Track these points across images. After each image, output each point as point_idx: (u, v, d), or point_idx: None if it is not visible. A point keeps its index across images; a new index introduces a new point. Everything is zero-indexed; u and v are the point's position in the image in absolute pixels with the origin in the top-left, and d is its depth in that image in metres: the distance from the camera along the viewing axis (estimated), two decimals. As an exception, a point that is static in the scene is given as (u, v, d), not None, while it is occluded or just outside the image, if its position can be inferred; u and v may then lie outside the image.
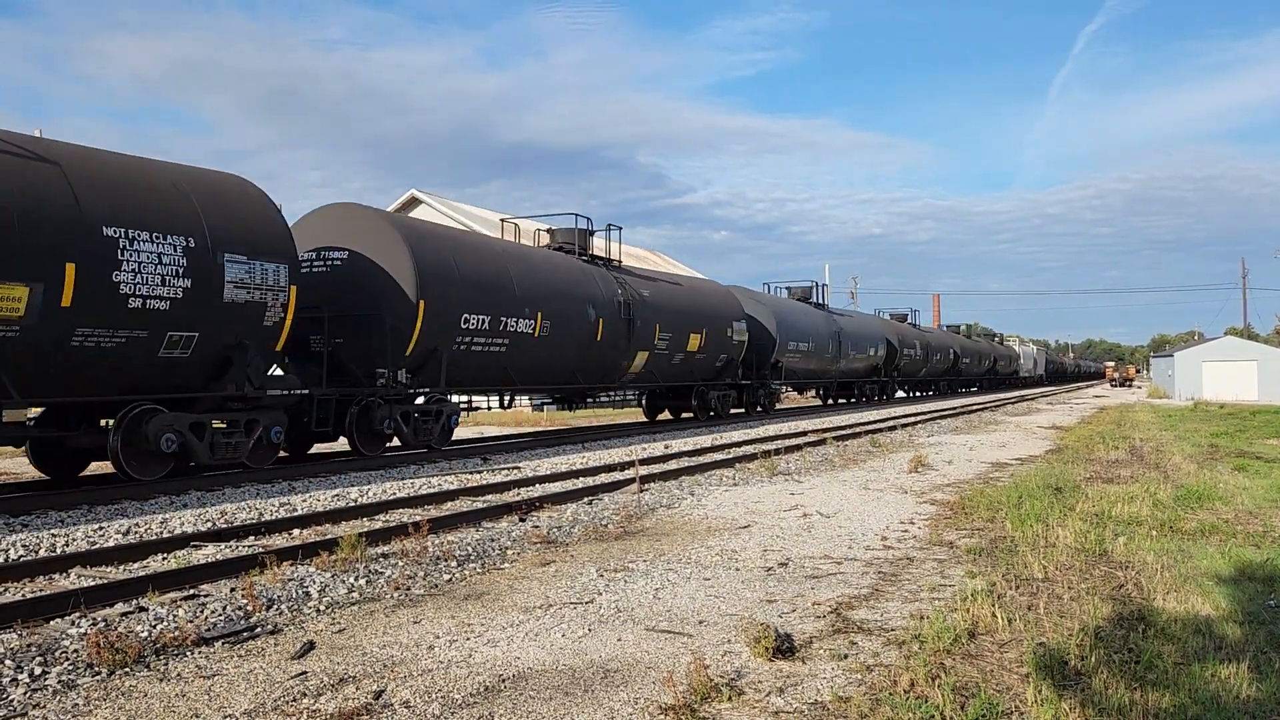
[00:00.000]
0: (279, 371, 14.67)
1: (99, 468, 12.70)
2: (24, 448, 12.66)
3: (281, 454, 13.82)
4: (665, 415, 26.67)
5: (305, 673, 4.88)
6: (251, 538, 8.59)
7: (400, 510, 10.18)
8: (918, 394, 52.12)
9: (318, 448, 16.21)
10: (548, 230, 22.11)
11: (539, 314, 17.62)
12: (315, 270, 14.86)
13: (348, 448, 15.08)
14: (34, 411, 11.56)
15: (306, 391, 13.54)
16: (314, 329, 14.17)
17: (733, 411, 27.76)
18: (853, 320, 37.72)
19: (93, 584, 6.50)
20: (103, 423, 11.73)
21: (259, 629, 5.67)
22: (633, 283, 21.71)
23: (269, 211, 12.70)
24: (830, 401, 40.17)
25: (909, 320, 51.11)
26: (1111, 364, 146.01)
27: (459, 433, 22.66)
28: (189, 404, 11.83)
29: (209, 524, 9.17)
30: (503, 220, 23.09)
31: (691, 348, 23.54)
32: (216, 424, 12.11)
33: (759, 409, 28.77)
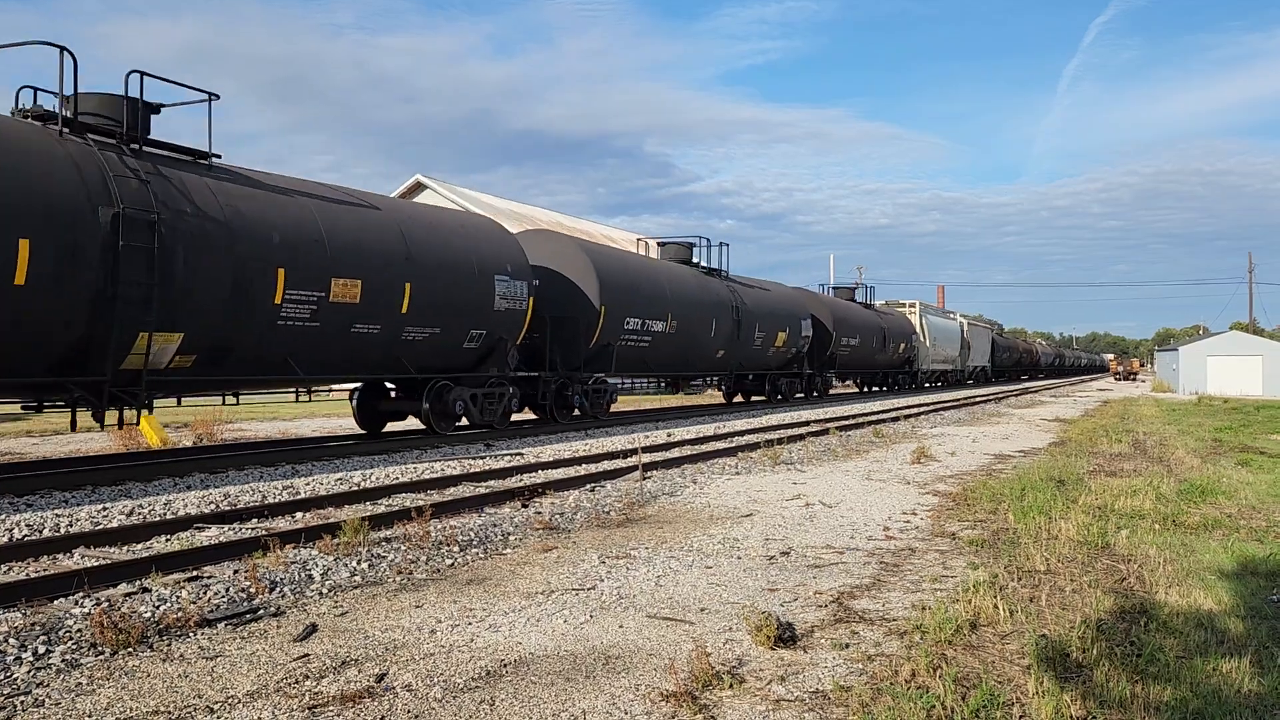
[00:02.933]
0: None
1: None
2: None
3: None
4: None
5: (307, 655, 4.89)
6: (255, 520, 8.62)
7: (403, 495, 10.20)
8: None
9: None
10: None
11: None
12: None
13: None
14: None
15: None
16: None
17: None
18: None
19: (96, 564, 6.52)
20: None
21: (262, 611, 5.68)
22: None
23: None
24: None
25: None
26: (1112, 356, 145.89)
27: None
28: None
29: (212, 506, 9.19)
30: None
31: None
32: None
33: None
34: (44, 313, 9.71)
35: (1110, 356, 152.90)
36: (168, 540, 7.75)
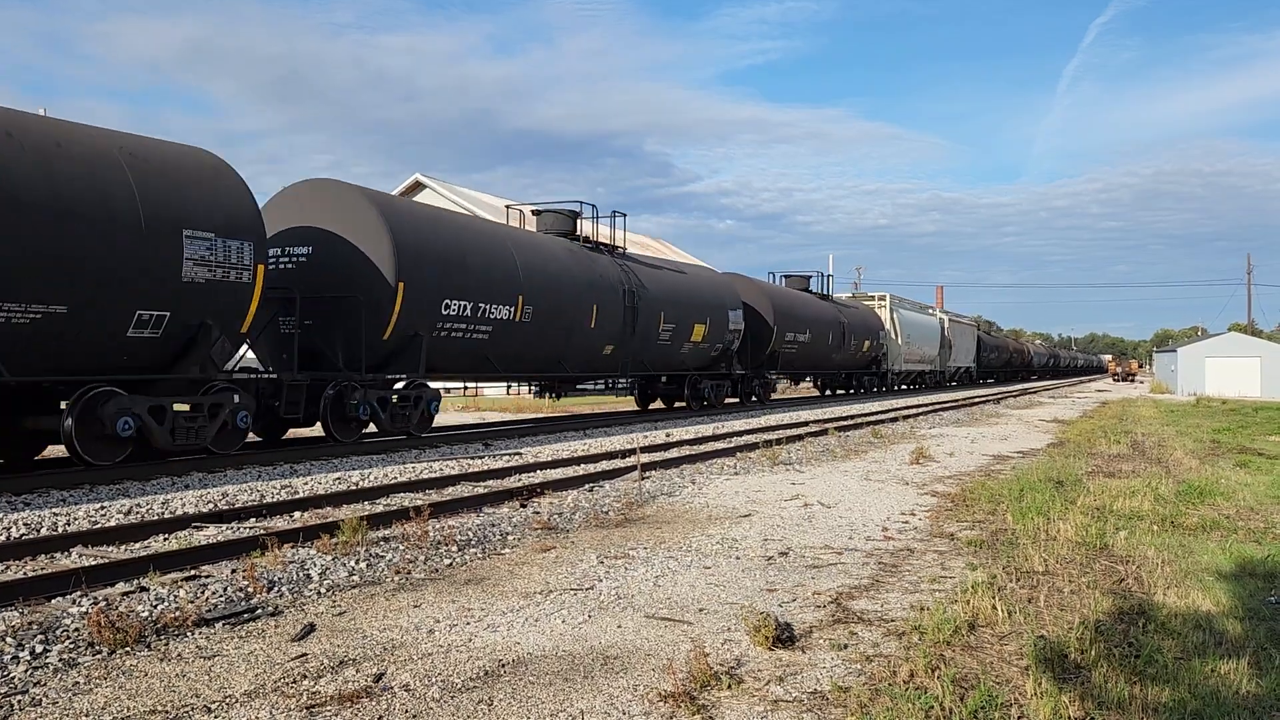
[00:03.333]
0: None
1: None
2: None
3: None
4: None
5: (305, 655, 4.89)
6: (253, 519, 8.61)
7: (402, 494, 10.19)
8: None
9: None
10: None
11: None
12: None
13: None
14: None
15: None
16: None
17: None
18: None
19: (94, 563, 6.51)
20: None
21: (259, 610, 5.68)
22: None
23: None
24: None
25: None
26: (1110, 357, 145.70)
27: (460, 418, 22.72)
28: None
29: (210, 505, 9.18)
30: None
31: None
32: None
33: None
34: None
35: (1108, 357, 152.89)
36: (166, 539, 7.74)
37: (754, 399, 28.93)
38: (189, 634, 5.20)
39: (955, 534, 8.43)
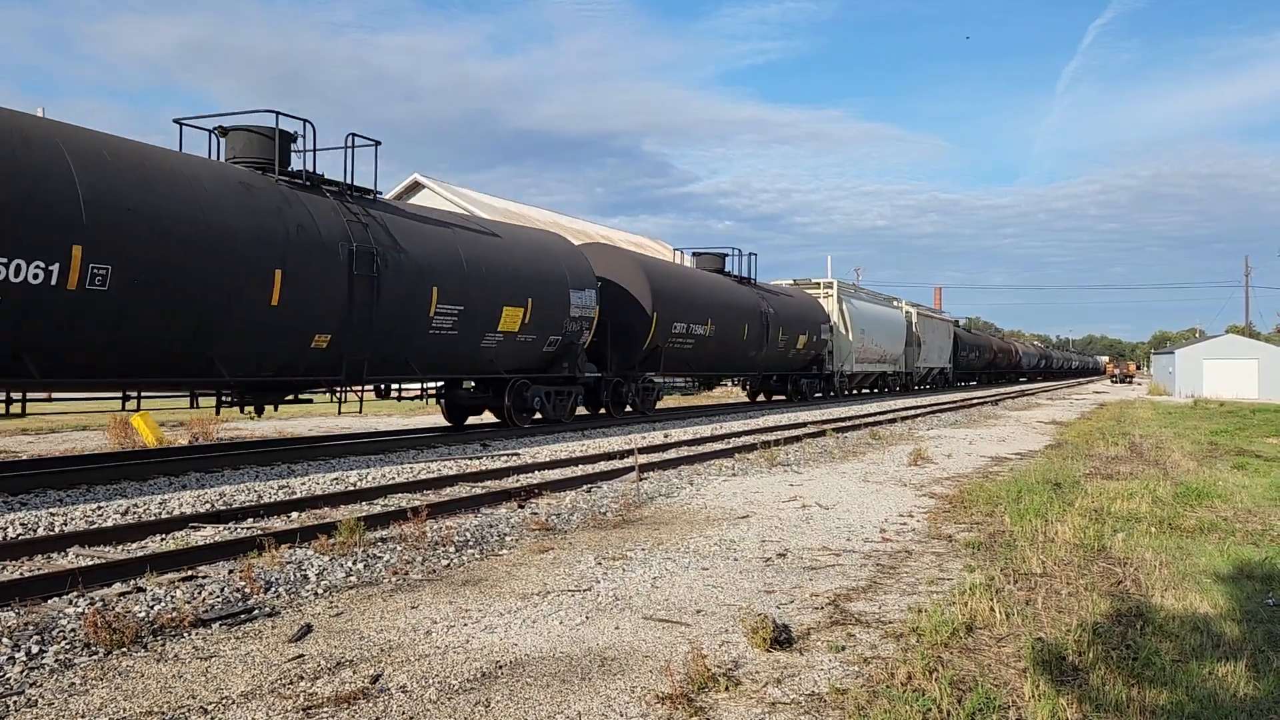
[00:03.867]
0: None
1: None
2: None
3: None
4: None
5: (302, 655, 4.88)
6: (250, 520, 8.60)
7: (399, 495, 10.18)
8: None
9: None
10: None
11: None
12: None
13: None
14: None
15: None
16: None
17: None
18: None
19: (91, 564, 6.50)
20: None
21: (256, 611, 5.67)
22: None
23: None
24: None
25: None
26: (1108, 359, 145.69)
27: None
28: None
29: (208, 505, 9.17)
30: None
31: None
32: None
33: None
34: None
35: (1105, 358, 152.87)
36: (163, 540, 7.73)
37: (629, 409, 22.52)
38: (186, 635, 5.19)
39: (953, 536, 8.43)
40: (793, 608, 5.95)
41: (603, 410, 21.78)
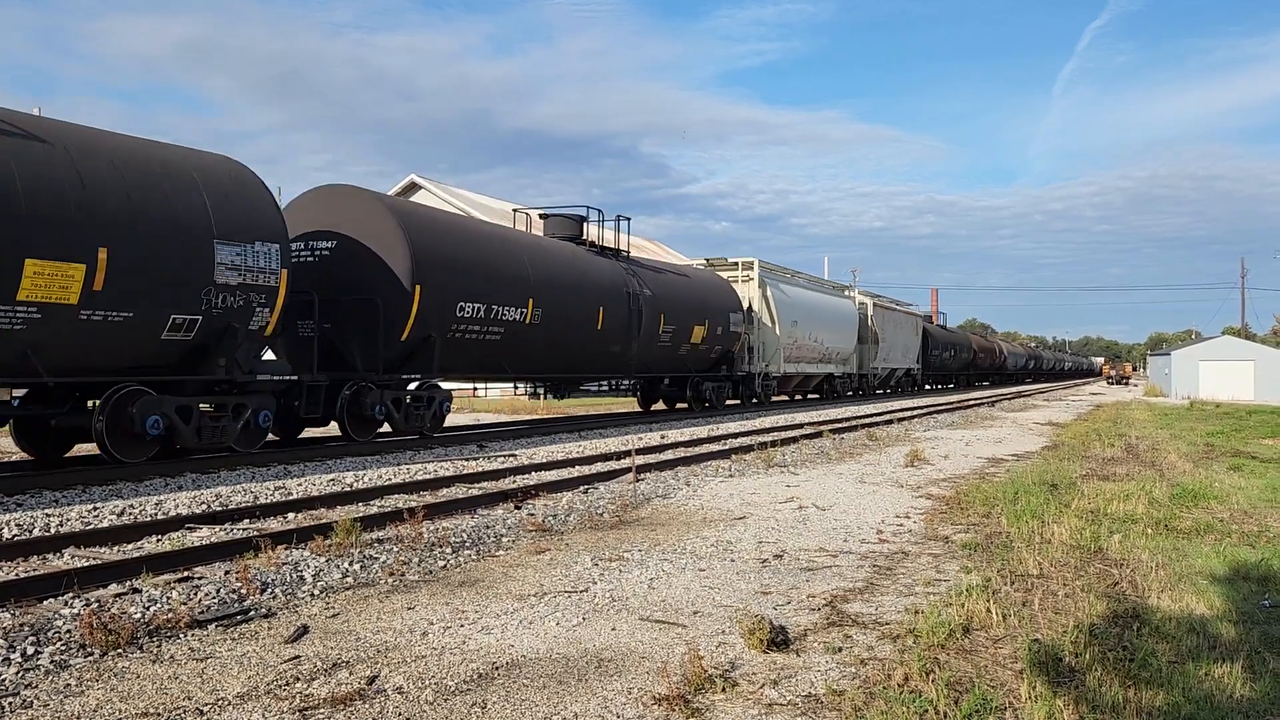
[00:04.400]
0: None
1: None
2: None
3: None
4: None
5: (299, 657, 4.87)
6: (246, 520, 8.58)
7: (396, 496, 10.17)
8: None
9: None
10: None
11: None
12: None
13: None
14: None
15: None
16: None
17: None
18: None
19: (86, 564, 6.49)
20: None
21: (253, 612, 5.66)
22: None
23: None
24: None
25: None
26: (1103, 360, 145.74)
27: (455, 419, 22.70)
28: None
29: (204, 506, 9.15)
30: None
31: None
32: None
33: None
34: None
35: (1100, 359, 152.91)
36: (159, 541, 7.71)
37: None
38: (182, 636, 5.18)
39: (950, 537, 8.43)
40: (790, 609, 5.94)
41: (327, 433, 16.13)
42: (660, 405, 26.70)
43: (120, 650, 4.88)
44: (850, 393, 38.85)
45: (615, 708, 4.22)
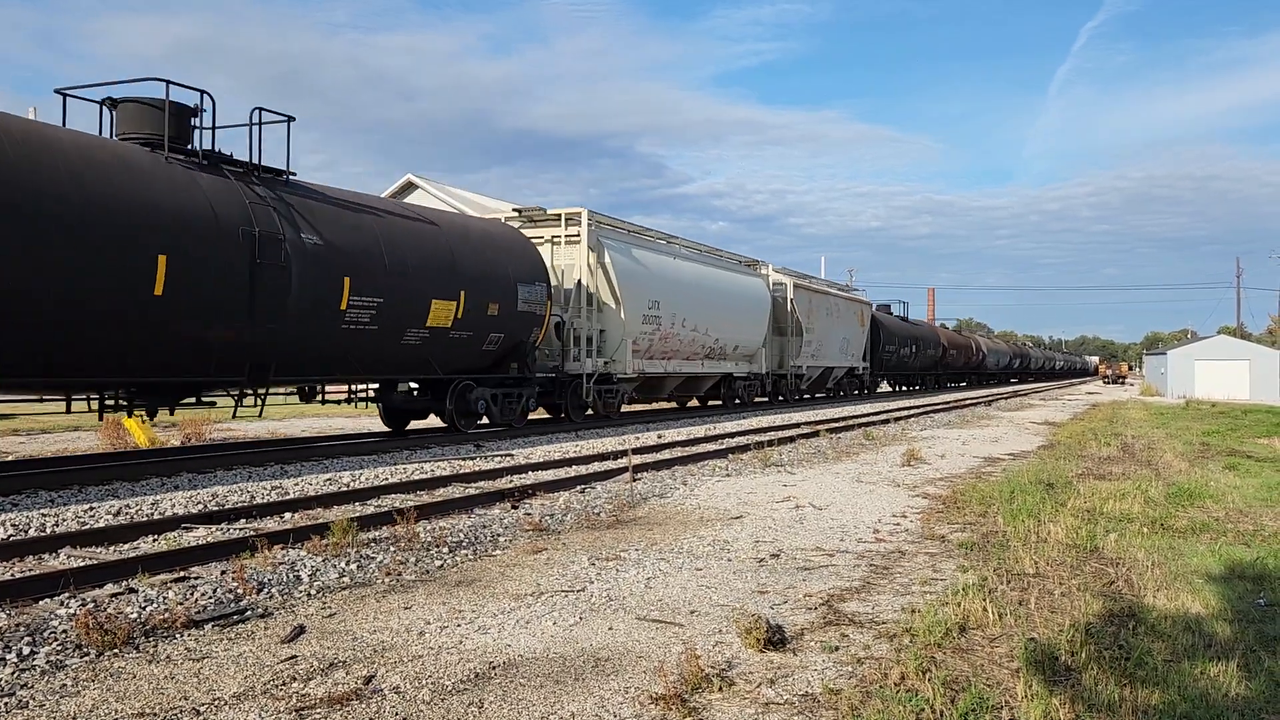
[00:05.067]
0: None
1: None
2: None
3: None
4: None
5: (295, 657, 4.87)
6: (243, 520, 8.57)
7: (392, 495, 10.16)
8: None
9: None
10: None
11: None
12: None
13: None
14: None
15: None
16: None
17: None
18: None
19: (82, 564, 6.48)
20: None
21: (249, 612, 5.65)
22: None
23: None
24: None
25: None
26: (1099, 359, 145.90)
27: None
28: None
29: (200, 506, 9.14)
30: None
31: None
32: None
33: None
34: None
35: (1095, 359, 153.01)
36: (155, 540, 7.70)
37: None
38: (178, 636, 5.17)
39: (946, 536, 8.44)
40: (786, 608, 5.95)
41: None
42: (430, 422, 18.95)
43: (116, 650, 4.87)
44: (758, 397, 29.96)
45: (612, 707, 4.23)
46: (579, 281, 20.41)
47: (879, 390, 46.40)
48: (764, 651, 4.98)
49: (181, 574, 6.46)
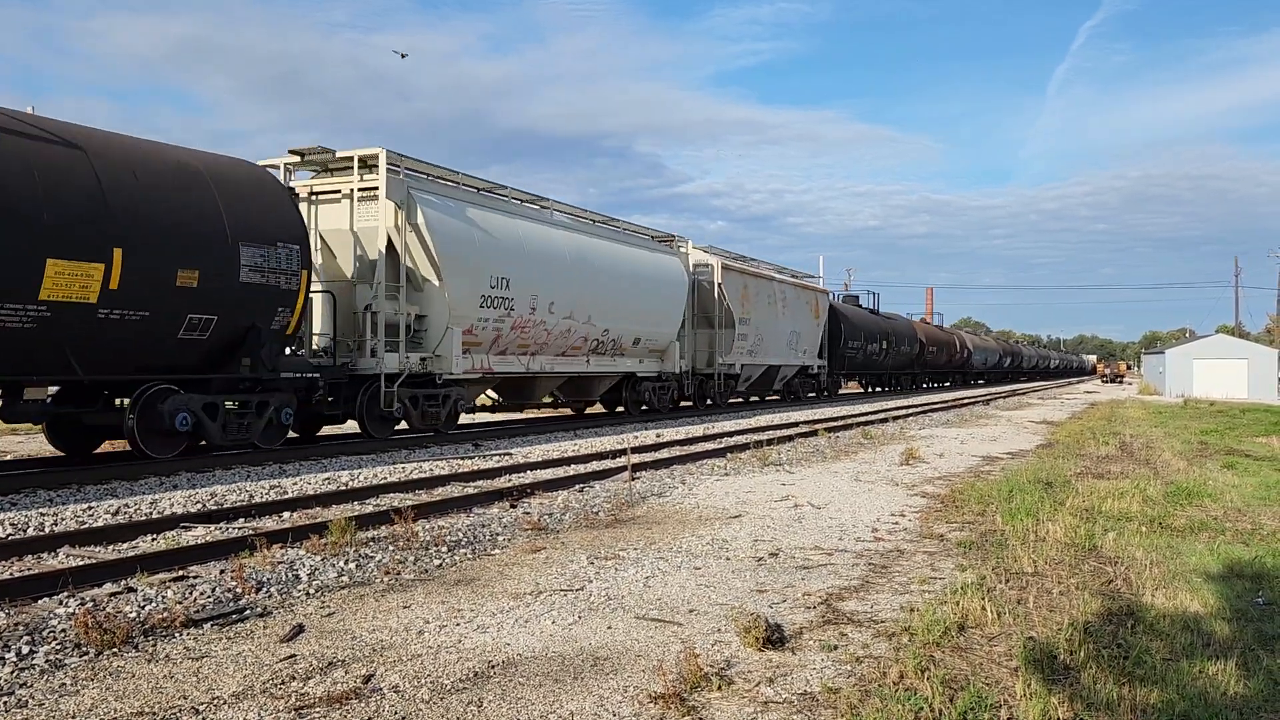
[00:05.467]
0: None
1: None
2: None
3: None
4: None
5: (294, 656, 4.87)
6: (241, 520, 8.57)
7: (391, 495, 10.16)
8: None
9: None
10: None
11: None
12: None
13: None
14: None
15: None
16: None
17: None
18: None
19: (81, 564, 6.47)
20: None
21: (248, 611, 5.65)
22: None
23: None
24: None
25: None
26: (1096, 358, 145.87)
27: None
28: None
29: (199, 505, 9.14)
30: None
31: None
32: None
33: None
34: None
35: (1092, 358, 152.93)
36: (154, 540, 7.70)
37: None
38: (177, 635, 5.17)
39: (945, 535, 8.44)
40: (785, 607, 5.95)
41: None
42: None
43: (115, 649, 4.87)
44: (671, 404, 24.21)
45: (611, 706, 4.23)
46: (381, 249, 15.06)
47: (841, 392, 41.09)
48: (763, 650, 4.98)
49: (180, 573, 6.46)
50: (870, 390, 46.00)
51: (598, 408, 24.78)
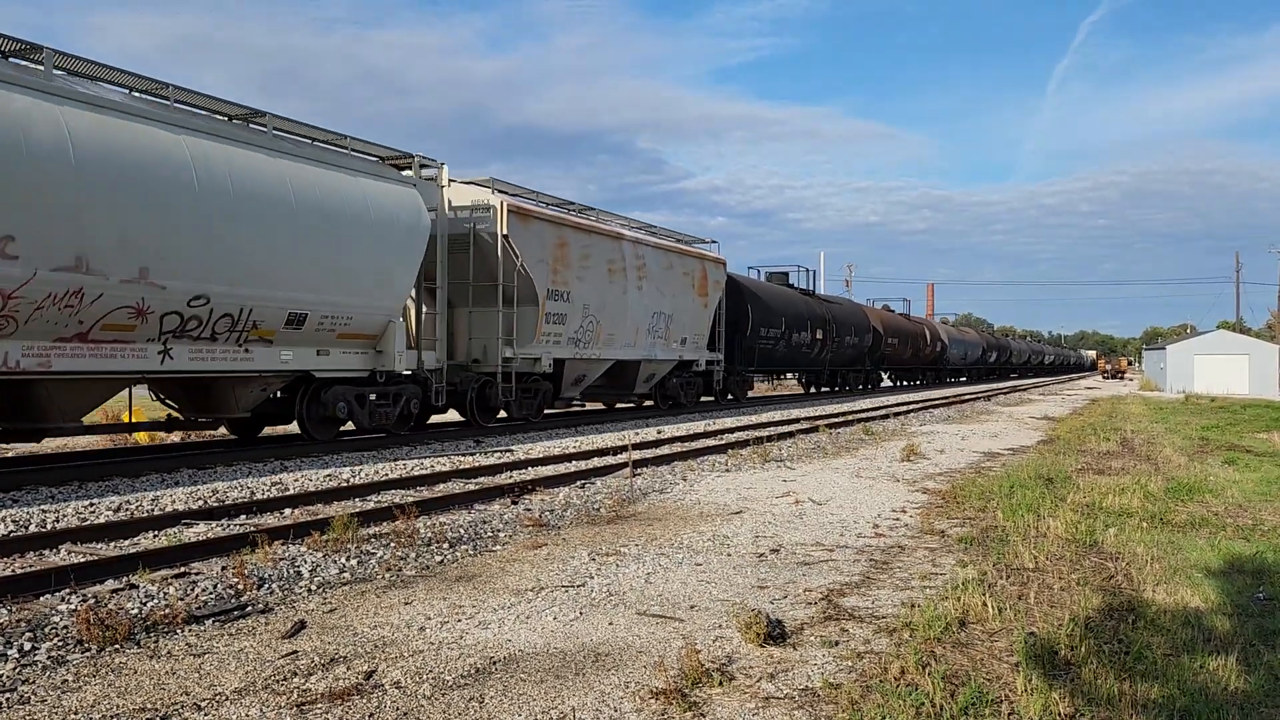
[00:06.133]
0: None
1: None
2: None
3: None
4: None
5: (296, 652, 4.87)
6: (243, 516, 8.57)
7: (392, 491, 10.16)
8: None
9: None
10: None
11: None
12: None
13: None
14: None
15: None
16: None
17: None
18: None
19: (83, 560, 6.48)
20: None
21: (250, 608, 5.66)
22: None
23: None
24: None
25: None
26: (1097, 354, 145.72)
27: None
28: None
29: (200, 502, 9.14)
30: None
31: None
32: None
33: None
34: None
35: (1092, 353, 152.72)
36: (155, 537, 7.70)
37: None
38: (179, 631, 5.18)
39: (946, 531, 8.45)
40: (786, 603, 5.96)
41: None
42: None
43: (117, 646, 4.88)
44: (437, 412, 16.74)
45: (612, 702, 4.23)
46: None
47: (753, 395, 32.14)
48: (764, 646, 4.99)
49: (182, 570, 6.47)
50: (814, 391, 37.03)
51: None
